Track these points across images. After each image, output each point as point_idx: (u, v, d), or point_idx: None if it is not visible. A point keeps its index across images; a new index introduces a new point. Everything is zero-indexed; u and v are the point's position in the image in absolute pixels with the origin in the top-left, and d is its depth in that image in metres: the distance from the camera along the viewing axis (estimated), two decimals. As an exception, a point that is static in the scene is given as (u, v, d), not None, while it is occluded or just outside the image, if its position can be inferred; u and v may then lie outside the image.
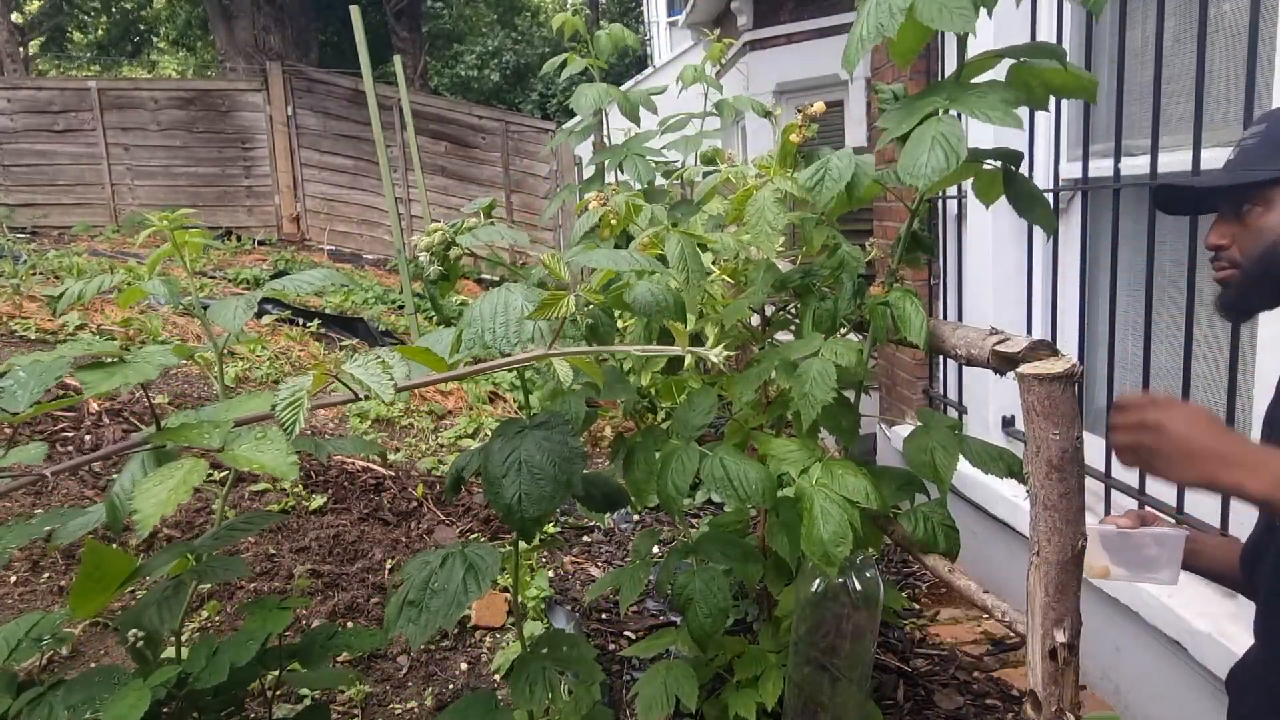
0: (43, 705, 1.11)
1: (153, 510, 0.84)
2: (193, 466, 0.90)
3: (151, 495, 0.86)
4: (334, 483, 3.48)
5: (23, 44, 15.78)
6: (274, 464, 0.90)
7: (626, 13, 18.43)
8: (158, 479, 0.89)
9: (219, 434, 0.94)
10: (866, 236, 3.81)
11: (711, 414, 1.59)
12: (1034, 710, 1.13)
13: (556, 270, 1.26)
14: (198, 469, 0.90)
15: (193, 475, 0.89)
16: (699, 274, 1.45)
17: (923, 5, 1.11)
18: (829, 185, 1.37)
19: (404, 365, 0.98)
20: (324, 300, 6.73)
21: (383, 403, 0.89)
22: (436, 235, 1.41)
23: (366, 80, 5.62)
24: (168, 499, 0.85)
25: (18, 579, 2.58)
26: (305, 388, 0.93)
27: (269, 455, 0.92)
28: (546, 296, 1.11)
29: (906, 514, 1.51)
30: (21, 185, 8.78)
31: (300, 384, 0.93)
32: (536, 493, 1.20)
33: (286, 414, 0.91)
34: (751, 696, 1.83)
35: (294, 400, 0.92)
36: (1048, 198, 1.67)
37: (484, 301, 1.19)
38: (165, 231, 1.22)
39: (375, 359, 0.96)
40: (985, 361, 1.22)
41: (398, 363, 0.97)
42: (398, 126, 9.06)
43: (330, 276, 1.33)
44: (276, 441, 0.93)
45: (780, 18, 6.85)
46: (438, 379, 1.09)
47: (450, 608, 1.20)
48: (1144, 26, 2.20)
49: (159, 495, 0.86)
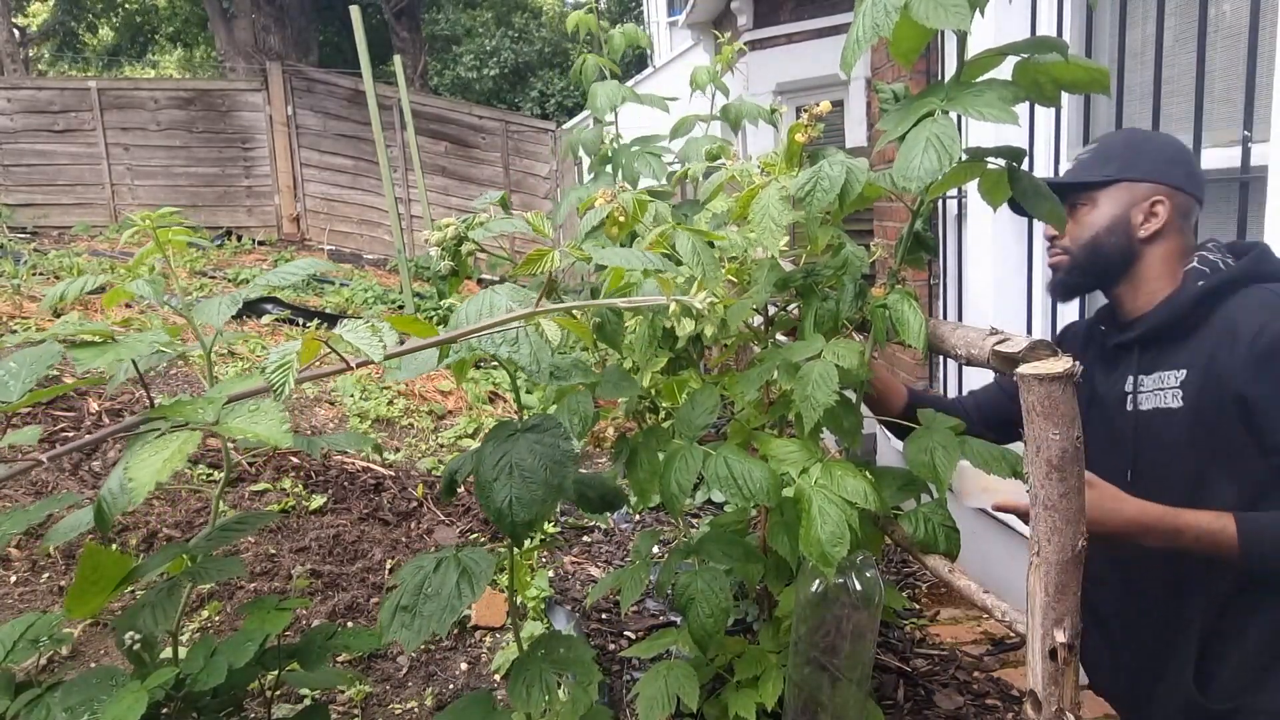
0: (40, 706, 1.11)
1: (147, 478, 0.85)
2: (187, 438, 0.91)
3: (146, 465, 0.86)
4: (334, 483, 3.48)
5: (23, 44, 15.79)
6: (268, 433, 0.90)
7: (626, 12, 18.41)
8: (153, 449, 0.89)
9: (213, 409, 0.94)
10: (868, 234, 3.81)
11: (714, 413, 1.59)
12: (1034, 710, 1.13)
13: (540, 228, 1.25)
14: (191, 439, 0.91)
15: (187, 445, 0.89)
16: (713, 268, 1.45)
17: (918, 4, 1.10)
18: (819, 196, 1.37)
19: (393, 333, 0.98)
20: (324, 300, 6.73)
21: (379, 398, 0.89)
22: (449, 229, 1.39)
23: (366, 80, 5.62)
24: (162, 467, 0.85)
25: (18, 579, 2.58)
26: (295, 350, 0.93)
27: (263, 425, 0.92)
28: (531, 252, 1.11)
29: (907, 514, 1.50)
30: (21, 185, 8.78)
31: (290, 348, 0.94)
32: (527, 496, 1.20)
33: (276, 376, 0.92)
34: (751, 696, 1.83)
35: (284, 363, 0.93)
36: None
37: (470, 303, 1.18)
38: (149, 231, 1.22)
39: (365, 324, 0.97)
40: (985, 362, 1.21)
41: (387, 330, 0.97)
42: (398, 126, 9.07)
43: (314, 265, 1.32)
44: (270, 412, 0.94)
45: (780, 18, 6.85)
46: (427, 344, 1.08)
47: (444, 612, 1.20)
48: (1144, 26, 2.19)
49: (154, 464, 0.86)
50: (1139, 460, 1.34)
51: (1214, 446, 1.23)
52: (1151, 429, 1.31)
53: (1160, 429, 1.30)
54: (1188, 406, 1.25)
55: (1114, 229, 1.35)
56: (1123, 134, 1.45)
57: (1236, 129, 1.83)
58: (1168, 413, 1.28)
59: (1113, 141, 1.42)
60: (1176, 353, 1.28)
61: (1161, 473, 1.30)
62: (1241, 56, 1.83)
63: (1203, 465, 1.25)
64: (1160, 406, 1.29)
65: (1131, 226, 1.34)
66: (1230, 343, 1.20)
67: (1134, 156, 1.36)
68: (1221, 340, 1.22)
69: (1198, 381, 1.24)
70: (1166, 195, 1.33)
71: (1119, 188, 1.36)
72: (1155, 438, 1.31)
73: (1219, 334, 1.23)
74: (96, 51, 18.33)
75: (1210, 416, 1.22)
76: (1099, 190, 1.37)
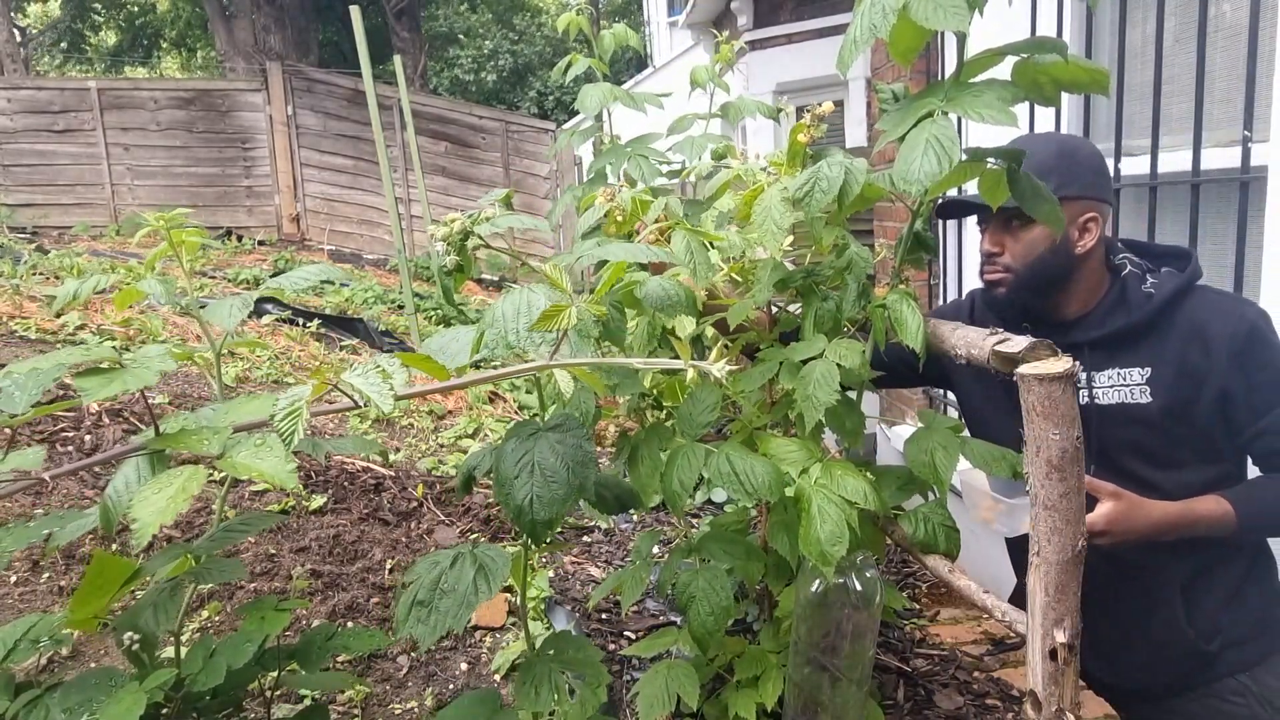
0: (39, 707, 1.11)
1: (151, 519, 0.83)
2: (191, 474, 0.89)
3: (150, 503, 0.85)
4: (334, 483, 3.48)
5: (23, 44, 15.79)
6: (273, 472, 0.89)
7: (626, 13, 18.41)
8: (156, 486, 0.88)
9: (218, 440, 0.93)
10: (868, 234, 3.81)
11: (715, 411, 1.59)
12: (1034, 710, 1.13)
13: (558, 281, 1.25)
14: (196, 477, 0.89)
15: (191, 483, 0.88)
16: (706, 268, 1.45)
17: (916, 5, 1.10)
18: (818, 197, 1.37)
19: (404, 373, 0.97)
20: (324, 300, 6.73)
21: (381, 413, 0.88)
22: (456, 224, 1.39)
23: (366, 80, 5.62)
24: (166, 507, 0.84)
25: (18, 579, 2.58)
26: (304, 397, 0.92)
27: (268, 463, 0.90)
28: (547, 309, 1.11)
29: (907, 514, 1.50)
30: (21, 185, 8.78)
31: (299, 393, 0.92)
32: (548, 495, 1.19)
33: (285, 424, 0.90)
34: (751, 696, 1.83)
35: (293, 410, 0.90)
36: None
37: (505, 302, 1.18)
38: (161, 231, 1.21)
39: (375, 367, 0.95)
40: (985, 361, 1.21)
41: (397, 370, 0.95)
42: (398, 126, 9.07)
43: (326, 271, 1.32)
44: (275, 449, 0.92)
45: (780, 18, 6.85)
46: (437, 388, 1.09)
47: (460, 608, 1.19)
48: (1144, 26, 2.19)
49: (157, 504, 0.85)
50: (1101, 450, 1.42)
51: (1187, 435, 1.35)
52: (1113, 421, 1.40)
53: (1126, 421, 1.39)
54: (1159, 402, 1.36)
55: (1056, 249, 1.40)
56: (1053, 144, 1.44)
57: (1236, 129, 1.83)
58: (1137, 407, 1.38)
59: (1043, 154, 1.41)
60: (1134, 351, 1.39)
61: (1126, 460, 1.41)
62: (1241, 56, 1.83)
63: (1173, 451, 1.37)
64: (1127, 401, 1.39)
65: (1070, 244, 1.40)
66: (1203, 345, 1.32)
67: (1068, 171, 1.38)
68: (1191, 342, 1.33)
69: (1169, 379, 1.35)
70: (1099, 210, 1.40)
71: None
72: (1121, 429, 1.40)
73: (1186, 336, 1.34)
74: (99, 53, 18.35)
75: (1183, 409, 1.34)
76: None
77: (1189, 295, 1.37)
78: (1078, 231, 1.40)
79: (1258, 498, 1.34)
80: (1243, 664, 1.40)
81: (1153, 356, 1.37)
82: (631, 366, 1.31)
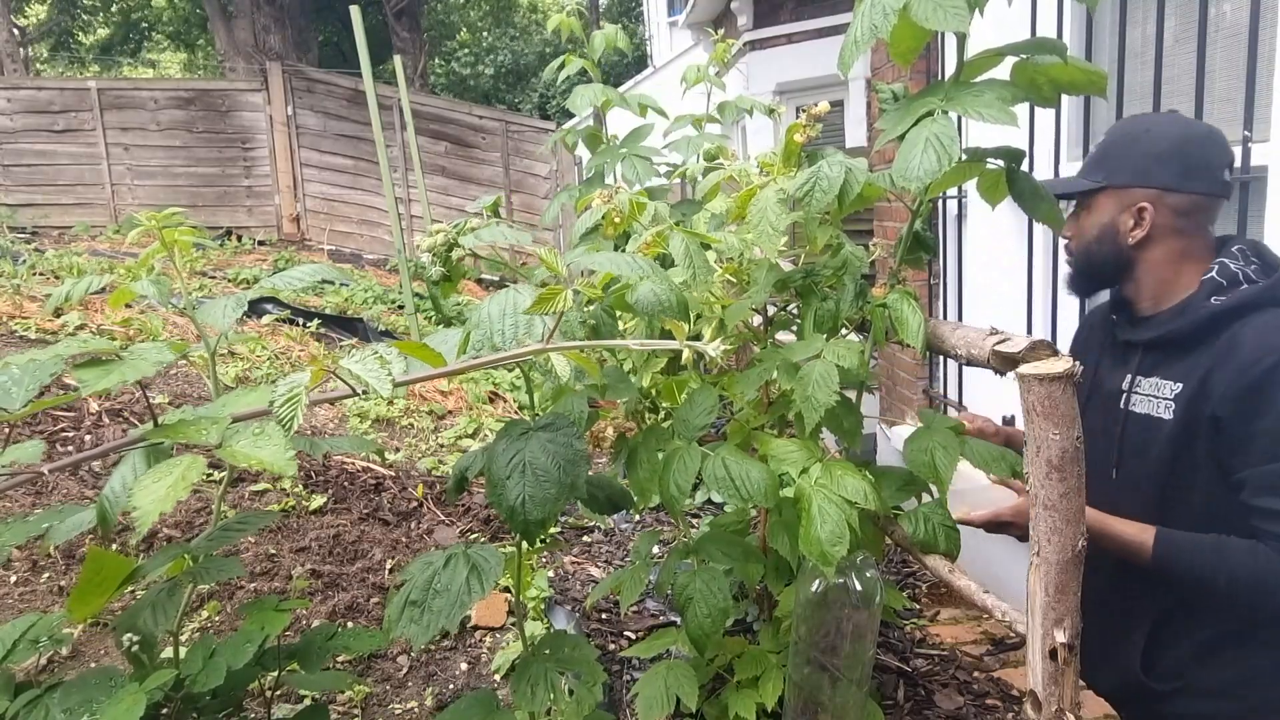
0: (39, 708, 1.11)
1: (151, 507, 0.83)
2: (191, 463, 0.89)
3: (150, 492, 0.85)
4: (334, 483, 3.48)
5: (23, 44, 15.79)
6: (272, 460, 0.89)
7: (627, 12, 18.40)
8: (156, 475, 0.88)
9: (216, 430, 0.93)
10: (867, 235, 3.81)
11: (713, 413, 1.59)
12: (1034, 710, 1.13)
13: (554, 265, 1.25)
14: (196, 465, 0.89)
15: (191, 472, 0.88)
16: (705, 271, 1.45)
17: (917, 5, 1.10)
18: (818, 197, 1.37)
19: (401, 361, 0.97)
20: (324, 300, 6.73)
21: (381, 398, 0.88)
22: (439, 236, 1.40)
23: (366, 80, 5.62)
24: (166, 495, 0.84)
25: (18, 579, 2.58)
26: (303, 383, 0.92)
27: (267, 451, 0.90)
28: (543, 291, 1.11)
29: (907, 514, 1.50)
30: (21, 185, 8.78)
31: (298, 380, 0.92)
32: (540, 495, 1.19)
33: (284, 410, 0.90)
34: (751, 697, 1.83)
35: (292, 396, 0.91)
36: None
37: (491, 303, 1.18)
38: (154, 231, 1.21)
39: (373, 354, 0.95)
40: (985, 361, 1.21)
41: (395, 358, 0.95)
42: (398, 126, 9.07)
43: (321, 271, 1.31)
44: (274, 437, 0.92)
45: (780, 18, 6.84)
46: (435, 374, 1.09)
47: (453, 608, 1.20)
48: (1144, 26, 2.19)
49: (157, 492, 0.85)
50: (1123, 457, 1.36)
51: (1192, 462, 1.25)
52: (1137, 432, 1.33)
53: (1144, 435, 1.31)
54: (1176, 420, 1.26)
55: (1103, 238, 1.34)
56: (1123, 126, 1.38)
57: (1237, 129, 1.83)
58: (1157, 422, 1.29)
59: (1112, 137, 1.37)
60: (1178, 364, 1.28)
61: (1140, 475, 1.33)
62: (1241, 56, 1.82)
63: (1178, 477, 1.27)
64: (1152, 414, 1.30)
65: (1120, 234, 1.32)
66: (1227, 364, 1.19)
67: (1123, 158, 1.32)
68: (1221, 359, 1.21)
69: (1189, 397, 1.24)
70: (1153, 199, 1.28)
71: (1107, 194, 1.34)
72: (1139, 441, 1.33)
73: (1221, 353, 1.21)
74: (90, 49, 18.30)
75: (1192, 432, 1.24)
76: (1094, 195, 1.36)
77: (1250, 314, 1.21)
78: (1130, 221, 1.31)
79: (1184, 544, 1.23)
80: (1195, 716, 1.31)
81: (1187, 373, 1.26)
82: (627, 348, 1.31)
